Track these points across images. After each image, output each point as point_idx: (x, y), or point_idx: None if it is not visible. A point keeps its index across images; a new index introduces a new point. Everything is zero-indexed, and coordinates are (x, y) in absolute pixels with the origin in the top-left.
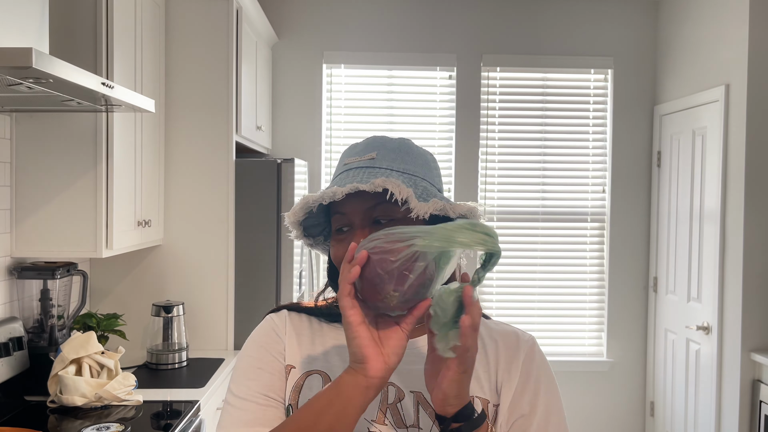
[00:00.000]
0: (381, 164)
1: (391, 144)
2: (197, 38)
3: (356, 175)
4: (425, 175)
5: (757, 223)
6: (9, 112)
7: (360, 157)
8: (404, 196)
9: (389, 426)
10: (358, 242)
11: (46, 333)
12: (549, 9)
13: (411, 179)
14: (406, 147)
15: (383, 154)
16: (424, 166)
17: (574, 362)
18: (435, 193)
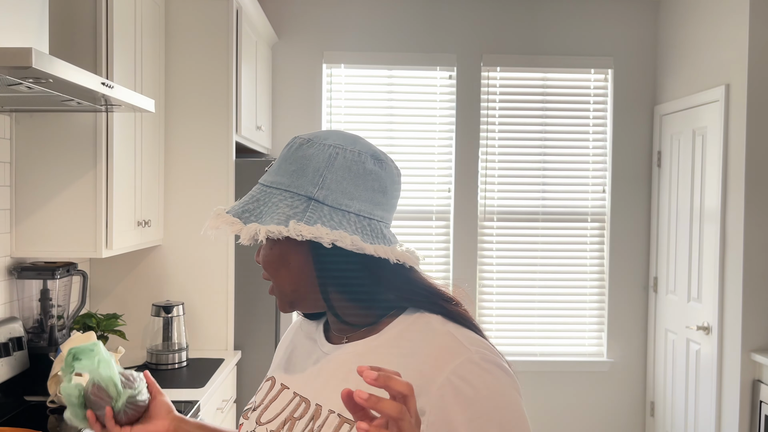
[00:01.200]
0: (265, 179)
1: (283, 152)
2: (197, 38)
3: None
4: (290, 185)
5: (757, 223)
6: (9, 112)
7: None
8: (246, 239)
9: None
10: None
11: (46, 333)
12: (549, 9)
13: (264, 192)
14: (286, 152)
15: (273, 165)
16: (296, 171)
17: (574, 362)
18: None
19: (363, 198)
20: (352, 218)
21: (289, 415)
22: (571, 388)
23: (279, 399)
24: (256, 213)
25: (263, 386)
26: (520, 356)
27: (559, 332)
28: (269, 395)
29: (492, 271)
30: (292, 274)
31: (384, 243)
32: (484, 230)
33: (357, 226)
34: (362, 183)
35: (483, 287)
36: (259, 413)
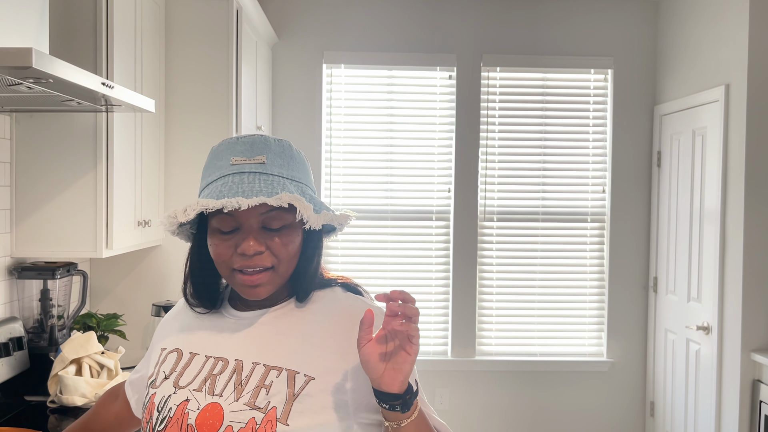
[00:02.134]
0: (272, 170)
1: (276, 147)
2: (197, 38)
3: (252, 181)
4: (308, 182)
5: (757, 223)
6: (9, 112)
7: (248, 158)
8: (308, 214)
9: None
10: (250, 244)
11: (46, 333)
12: (549, 9)
13: (299, 187)
14: (289, 151)
15: (272, 159)
16: (305, 171)
17: (574, 362)
18: (318, 201)
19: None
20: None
21: (208, 373)
22: (571, 388)
23: (192, 365)
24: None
25: (167, 357)
26: (520, 356)
27: (559, 332)
28: (180, 363)
29: (492, 271)
30: (295, 259)
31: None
32: (484, 230)
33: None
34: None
35: (483, 287)
36: (174, 380)
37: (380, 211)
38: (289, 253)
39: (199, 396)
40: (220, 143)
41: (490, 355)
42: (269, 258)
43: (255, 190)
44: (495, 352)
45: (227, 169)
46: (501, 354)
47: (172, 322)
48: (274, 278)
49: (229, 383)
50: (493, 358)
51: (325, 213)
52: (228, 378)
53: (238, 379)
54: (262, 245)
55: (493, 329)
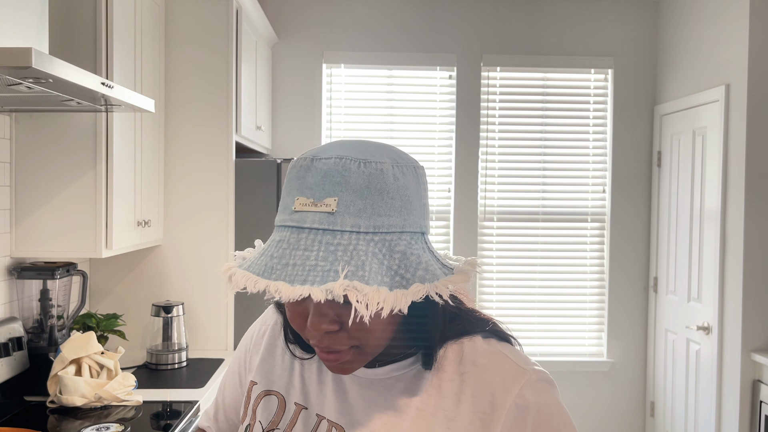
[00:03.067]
0: (344, 224)
1: (357, 179)
2: (197, 38)
3: (308, 248)
4: (405, 225)
5: (757, 223)
6: (9, 112)
7: (314, 201)
8: (373, 310)
9: None
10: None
11: (46, 333)
12: (549, 9)
13: (383, 244)
14: (377, 182)
15: (347, 202)
16: (405, 206)
17: (574, 362)
18: (415, 259)
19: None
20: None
21: None
22: (571, 388)
23: (300, 423)
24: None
25: (262, 400)
26: None
27: (559, 332)
28: (284, 416)
29: (492, 271)
30: (388, 329)
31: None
32: (484, 230)
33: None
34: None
35: (483, 287)
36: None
37: None
38: (371, 331)
39: None
40: (296, 161)
41: None
42: (345, 339)
43: (308, 266)
44: None
45: (289, 216)
46: None
47: (264, 349)
48: (360, 356)
49: None
50: None
51: (416, 287)
52: None
53: None
54: (335, 323)
55: None
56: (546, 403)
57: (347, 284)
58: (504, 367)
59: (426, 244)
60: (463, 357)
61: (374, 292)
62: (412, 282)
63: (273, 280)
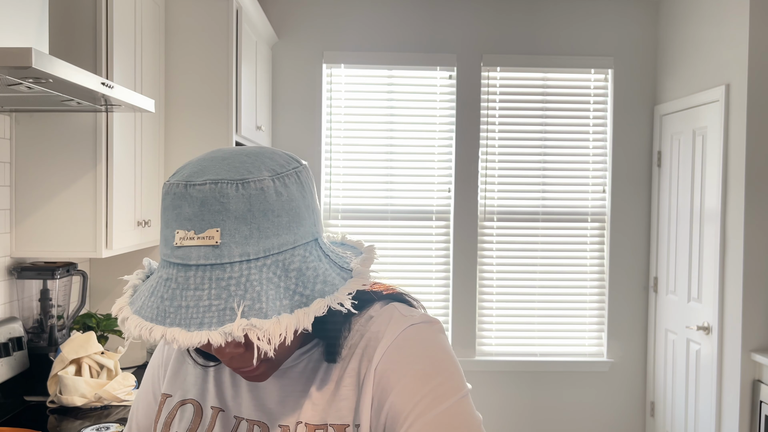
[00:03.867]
0: (231, 255)
1: (238, 206)
2: (197, 38)
3: (199, 287)
4: (296, 239)
5: (757, 223)
6: (9, 112)
7: (195, 233)
8: (276, 343)
9: None
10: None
11: (46, 333)
12: (549, 9)
13: (276, 264)
14: (260, 204)
15: (231, 230)
16: (292, 222)
17: (574, 362)
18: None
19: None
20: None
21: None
22: (571, 388)
23: (219, 425)
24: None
25: (178, 411)
26: (520, 356)
27: (559, 332)
28: (202, 423)
29: (492, 271)
30: (294, 343)
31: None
32: (484, 230)
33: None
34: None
35: (483, 287)
36: None
37: (380, 211)
38: (279, 348)
39: None
40: (168, 187)
41: (490, 355)
42: (254, 357)
43: (201, 308)
44: (495, 352)
45: (172, 251)
46: (501, 354)
47: (174, 361)
48: (272, 367)
49: None
50: (493, 358)
51: (317, 303)
52: None
53: None
54: (240, 346)
55: (493, 329)
56: (415, 339)
57: (245, 324)
58: (387, 323)
59: (320, 250)
60: (358, 326)
61: (274, 326)
62: (312, 298)
63: (168, 326)
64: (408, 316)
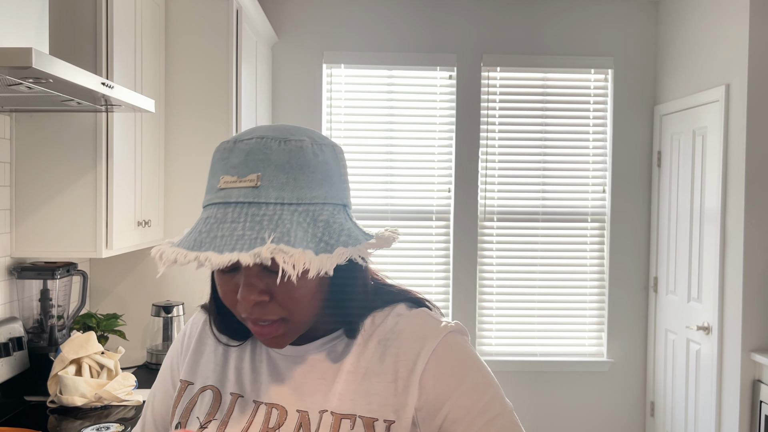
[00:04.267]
0: (268, 196)
1: (279, 155)
2: (197, 38)
3: (235, 220)
4: (327, 197)
5: (757, 223)
6: (9, 112)
7: (239, 178)
8: (300, 270)
9: None
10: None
11: (46, 333)
12: (549, 9)
13: (307, 213)
14: (297, 158)
15: (270, 177)
16: (326, 179)
17: (574, 362)
18: (338, 227)
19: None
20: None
21: (263, 427)
22: (571, 388)
23: (237, 411)
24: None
25: (199, 397)
26: (520, 356)
27: (559, 332)
28: (221, 408)
29: (492, 271)
30: (314, 301)
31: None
32: (484, 230)
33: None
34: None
35: (483, 287)
36: (216, 430)
37: (380, 211)
38: (299, 300)
39: None
40: (220, 145)
41: (490, 355)
42: (276, 309)
43: (235, 236)
44: (495, 352)
45: (215, 193)
46: (501, 354)
47: (194, 349)
48: (291, 328)
49: None
50: (493, 358)
51: (340, 251)
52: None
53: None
54: (264, 293)
55: (493, 329)
56: (457, 348)
57: (274, 247)
58: (422, 327)
59: (348, 216)
60: (386, 322)
61: (300, 254)
62: (335, 247)
63: (202, 251)
64: (443, 323)
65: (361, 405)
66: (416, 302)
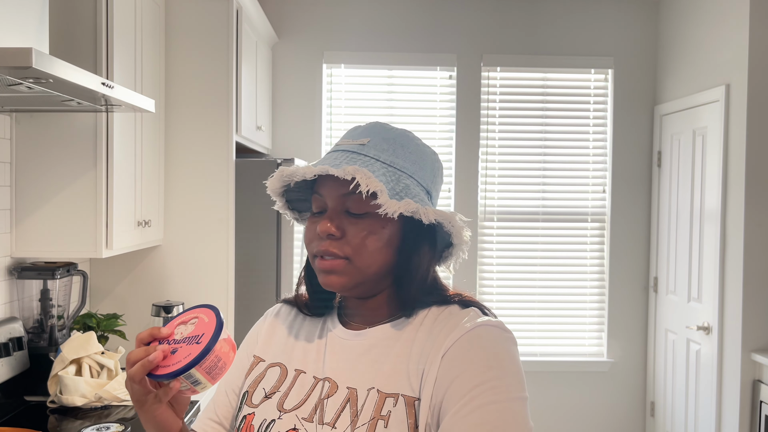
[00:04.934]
0: (369, 152)
1: (389, 133)
2: (197, 38)
3: (338, 158)
4: (414, 173)
5: (757, 223)
6: (9, 112)
7: (353, 140)
8: (372, 189)
9: (314, 423)
10: (325, 225)
11: (46, 333)
12: (549, 9)
13: (394, 174)
14: (403, 139)
15: (376, 142)
16: (418, 162)
17: (574, 362)
18: (416, 194)
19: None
20: None
21: (318, 398)
22: (571, 388)
23: (297, 385)
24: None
25: (267, 372)
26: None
27: (559, 332)
28: (284, 382)
29: (492, 271)
30: (379, 255)
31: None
32: (484, 230)
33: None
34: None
35: (483, 287)
36: (277, 401)
37: None
38: (368, 245)
39: (310, 426)
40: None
41: None
42: (343, 246)
43: (333, 164)
44: None
45: (331, 150)
46: None
47: (268, 331)
48: (350, 270)
49: (344, 412)
50: None
51: (408, 202)
52: (340, 406)
53: (354, 409)
54: (339, 230)
55: None
56: (486, 336)
57: (358, 169)
58: (463, 319)
59: (429, 200)
60: (440, 316)
61: (377, 183)
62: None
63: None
64: (486, 318)
65: (405, 385)
66: (470, 304)
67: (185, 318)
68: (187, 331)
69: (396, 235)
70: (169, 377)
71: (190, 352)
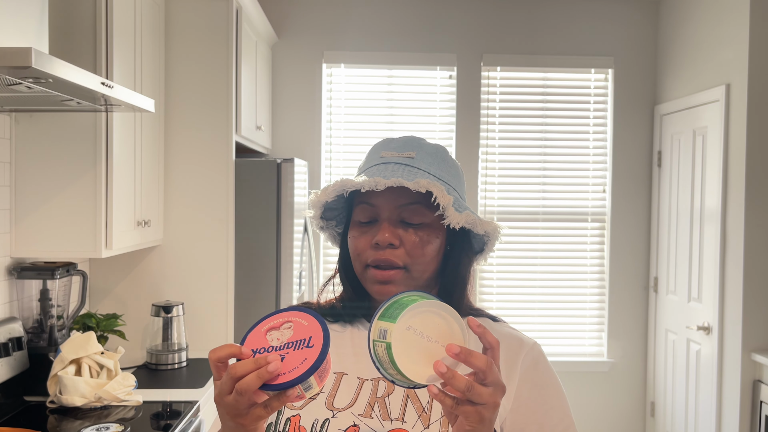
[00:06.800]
0: (420, 165)
1: (429, 148)
2: (197, 38)
3: (396, 170)
4: (456, 186)
5: (757, 223)
6: (9, 112)
7: (398, 152)
8: (445, 203)
9: (375, 419)
10: (384, 235)
11: (46, 333)
12: (549, 9)
13: (446, 188)
14: (442, 154)
15: (422, 156)
16: (456, 177)
17: (574, 362)
18: (465, 206)
19: None
20: None
21: (371, 398)
22: (571, 388)
23: (343, 385)
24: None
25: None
26: None
27: (559, 332)
28: (326, 384)
29: (492, 271)
30: (432, 263)
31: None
32: None
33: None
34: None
35: (483, 287)
36: (324, 400)
37: None
38: (426, 253)
39: (372, 423)
40: (377, 142)
41: None
42: (402, 255)
43: (391, 173)
44: None
45: (374, 161)
46: None
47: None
48: (407, 280)
49: (408, 408)
50: None
51: (468, 214)
52: (402, 402)
53: (419, 405)
54: (397, 238)
55: None
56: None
57: (431, 183)
58: (520, 334)
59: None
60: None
61: (448, 197)
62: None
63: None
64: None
65: None
66: (496, 320)
67: (274, 323)
68: (285, 336)
69: (443, 244)
70: (289, 385)
71: (306, 357)
